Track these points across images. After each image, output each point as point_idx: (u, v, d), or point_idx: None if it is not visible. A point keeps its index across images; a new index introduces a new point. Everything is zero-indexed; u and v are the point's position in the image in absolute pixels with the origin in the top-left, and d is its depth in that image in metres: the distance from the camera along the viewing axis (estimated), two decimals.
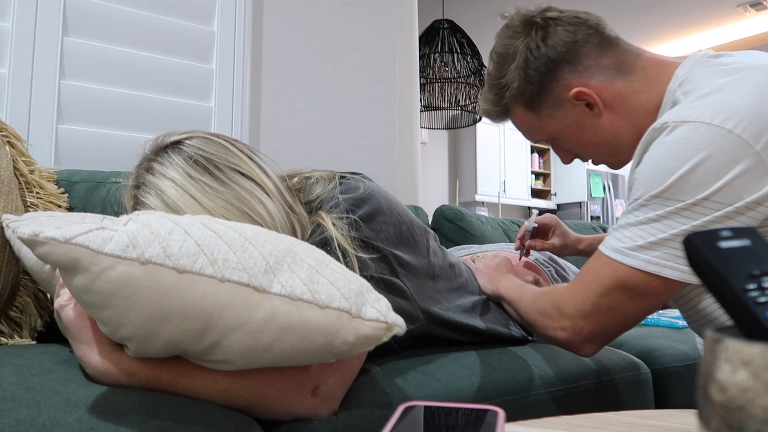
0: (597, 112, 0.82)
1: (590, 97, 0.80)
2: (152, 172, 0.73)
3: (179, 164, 0.72)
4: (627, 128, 0.81)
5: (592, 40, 0.81)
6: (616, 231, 0.70)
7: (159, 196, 0.71)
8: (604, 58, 0.81)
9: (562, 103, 0.83)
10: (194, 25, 1.47)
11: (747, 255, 0.30)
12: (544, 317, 0.76)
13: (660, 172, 0.65)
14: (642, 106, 0.79)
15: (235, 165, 0.74)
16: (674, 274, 0.65)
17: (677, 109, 0.67)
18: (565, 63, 0.81)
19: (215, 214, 0.69)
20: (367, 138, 1.77)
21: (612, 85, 0.80)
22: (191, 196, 0.70)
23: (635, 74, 0.80)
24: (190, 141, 0.75)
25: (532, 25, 0.84)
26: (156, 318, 0.48)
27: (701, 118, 0.63)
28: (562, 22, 0.82)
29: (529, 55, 0.83)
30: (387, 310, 0.54)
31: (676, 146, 0.64)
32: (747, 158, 0.61)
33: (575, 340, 0.73)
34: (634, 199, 0.68)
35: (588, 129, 0.84)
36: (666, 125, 0.66)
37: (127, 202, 0.77)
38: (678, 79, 0.74)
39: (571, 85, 0.81)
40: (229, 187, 0.72)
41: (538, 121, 0.88)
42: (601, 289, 0.69)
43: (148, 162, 0.75)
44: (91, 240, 0.47)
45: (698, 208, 0.62)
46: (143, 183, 0.73)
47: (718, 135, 0.62)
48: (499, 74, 0.87)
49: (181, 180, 0.71)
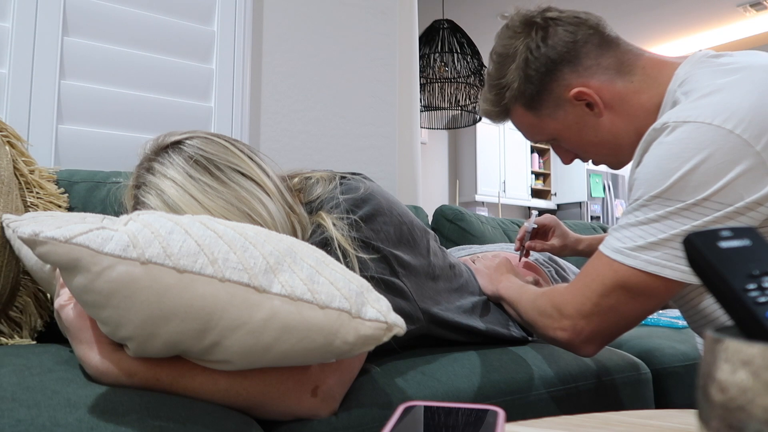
0: (597, 112, 0.81)
1: (590, 97, 0.80)
2: (153, 172, 0.73)
3: (180, 164, 0.72)
4: (627, 128, 0.81)
5: (592, 40, 0.81)
6: (617, 231, 0.70)
7: (159, 196, 0.71)
8: (604, 58, 0.81)
9: (563, 103, 0.83)
10: (194, 25, 1.47)
11: (747, 255, 0.30)
12: (545, 317, 0.76)
13: (660, 173, 0.65)
14: (642, 106, 0.79)
15: (236, 165, 0.74)
16: (674, 274, 0.65)
17: (677, 109, 0.67)
18: (565, 63, 0.81)
19: (215, 214, 0.69)
20: (367, 138, 1.77)
21: (612, 85, 0.80)
22: (191, 196, 0.70)
23: (635, 74, 0.80)
24: (190, 141, 0.75)
25: (532, 26, 0.84)
26: (156, 318, 0.48)
27: (701, 118, 0.63)
28: (562, 22, 0.82)
29: (529, 55, 0.83)
30: (387, 310, 0.54)
31: (677, 146, 0.64)
32: (747, 158, 0.60)
33: (575, 341, 0.73)
34: (635, 200, 0.68)
35: (588, 129, 0.84)
36: (666, 125, 0.66)
37: (128, 202, 0.77)
38: (678, 79, 0.74)
39: (571, 85, 0.81)
40: (229, 187, 0.72)
41: (538, 121, 0.87)
42: (601, 289, 0.69)
43: (149, 162, 0.75)
44: (92, 240, 0.47)
45: (699, 209, 0.62)
46: (144, 183, 0.73)
47: (718, 135, 0.62)
48: (499, 74, 0.87)
49: (181, 180, 0.71)
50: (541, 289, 0.82)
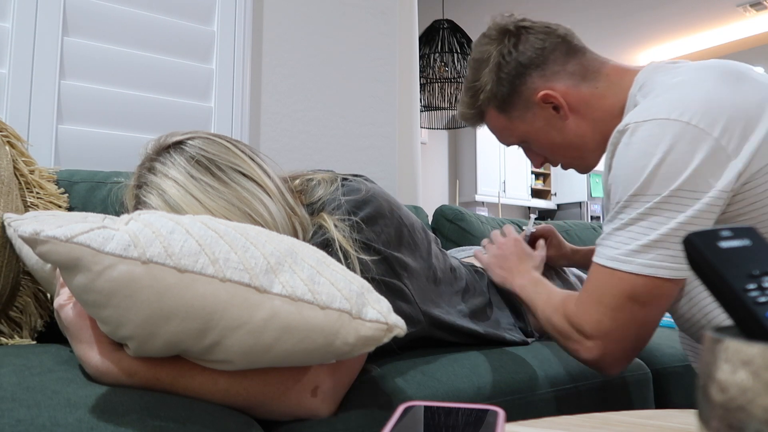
0: (563, 115, 0.87)
1: (556, 99, 0.86)
2: (154, 172, 0.73)
3: (181, 164, 0.73)
4: (592, 131, 0.86)
5: (560, 47, 0.87)
6: (607, 239, 0.71)
7: (161, 196, 0.71)
8: (571, 64, 0.87)
9: (531, 105, 0.89)
10: (194, 25, 1.47)
11: (747, 255, 0.30)
12: (567, 340, 0.76)
13: (633, 172, 0.68)
14: (606, 110, 0.84)
15: (237, 165, 0.74)
16: (670, 273, 0.66)
17: (637, 110, 0.71)
18: (533, 67, 0.87)
19: (216, 215, 0.70)
20: (367, 138, 1.77)
21: (577, 90, 0.86)
22: (193, 196, 0.70)
23: (600, 80, 0.85)
24: (192, 141, 0.75)
25: (506, 33, 0.90)
26: (156, 317, 0.48)
27: (659, 115, 0.68)
28: (534, 30, 0.89)
29: (501, 59, 0.89)
30: (388, 311, 0.54)
31: (642, 144, 0.68)
32: (706, 145, 0.65)
33: (605, 361, 0.72)
34: (616, 203, 0.71)
35: (555, 131, 0.89)
36: (628, 126, 0.70)
37: (129, 202, 0.77)
38: (638, 84, 0.80)
39: (538, 88, 0.87)
40: (230, 188, 0.72)
41: (509, 123, 0.93)
42: (613, 303, 0.70)
43: (150, 162, 0.75)
44: (93, 239, 0.47)
45: (676, 200, 0.65)
46: (145, 183, 0.74)
47: (676, 128, 0.66)
48: (474, 78, 0.94)
49: (183, 180, 0.71)
50: (553, 303, 0.81)
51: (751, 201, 0.67)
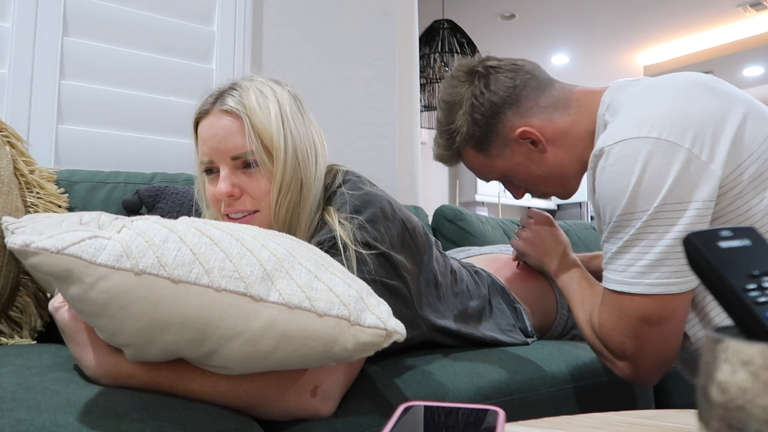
0: (541, 149, 0.88)
1: (533, 135, 0.87)
2: (262, 86, 0.79)
3: (282, 91, 0.80)
4: (570, 159, 0.88)
5: (530, 83, 0.89)
6: (610, 264, 0.73)
7: (262, 95, 0.76)
8: (543, 98, 0.88)
9: (509, 143, 0.90)
10: (194, 25, 1.47)
11: (747, 255, 0.30)
12: (602, 357, 0.80)
13: (616, 193, 0.70)
14: (580, 136, 0.86)
15: (310, 115, 0.84)
16: (679, 288, 0.68)
17: (608, 132, 0.73)
18: (507, 106, 0.88)
19: (296, 141, 0.76)
20: (367, 138, 1.77)
21: (552, 122, 0.87)
22: (285, 114, 0.76)
23: (571, 107, 0.87)
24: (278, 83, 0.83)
25: (475, 74, 0.91)
26: (152, 328, 0.48)
27: (629, 134, 0.69)
28: (502, 69, 0.90)
29: (474, 101, 0.90)
30: (387, 317, 0.54)
31: (618, 166, 0.69)
32: (680, 156, 0.66)
33: (639, 379, 0.76)
34: (607, 223, 0.72)
35: (534, 165, 0.90)
36: (603, 150, 0.72)
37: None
38: (605, 104, 0.82)
39: (515, 125, 0.88)
40: (307, 128, 0.80)
41: (488, 161, 0.93)
42: (630, 325, 0.71)
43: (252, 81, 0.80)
44: (84, 250, 0.47)
45: (663, 214, 0.67)
46: (244, 87, 0.78)
47: (648, 144, 0.67)
48: (449, 120, 0.93)
49: (287, 98, 0.79)
50: (586, 308, 0.83)
51: (725, 204, 0.68)
